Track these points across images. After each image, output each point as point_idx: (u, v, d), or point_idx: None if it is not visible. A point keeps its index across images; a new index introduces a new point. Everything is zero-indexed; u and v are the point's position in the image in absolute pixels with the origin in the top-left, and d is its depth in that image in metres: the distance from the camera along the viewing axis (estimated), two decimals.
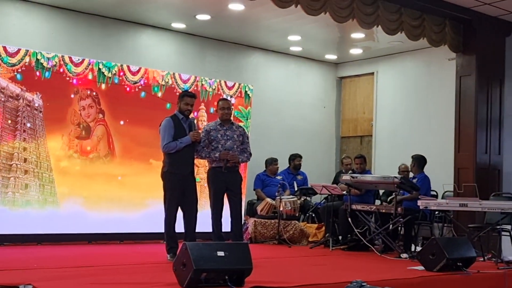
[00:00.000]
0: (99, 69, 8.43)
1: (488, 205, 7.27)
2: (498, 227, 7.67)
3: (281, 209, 8.96)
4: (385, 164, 10.81)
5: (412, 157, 8.62)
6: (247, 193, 9.84)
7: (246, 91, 9.85)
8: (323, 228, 9.21)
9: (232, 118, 7.62)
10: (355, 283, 2.81)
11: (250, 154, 7.25)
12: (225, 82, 9.67)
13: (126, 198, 8.59)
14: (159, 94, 8.94)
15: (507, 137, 9.36)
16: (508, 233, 7.71)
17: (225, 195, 7.03)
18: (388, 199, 9.21)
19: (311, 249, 8.40)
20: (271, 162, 9.93)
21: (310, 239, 9.16)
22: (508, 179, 9.28)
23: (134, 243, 8.49)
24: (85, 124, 8.37)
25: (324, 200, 9.82)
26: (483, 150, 9.11)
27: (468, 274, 6.21)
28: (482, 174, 9.02)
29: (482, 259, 7.44)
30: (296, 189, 10.07)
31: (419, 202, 7.60)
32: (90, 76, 8.36)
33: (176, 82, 9.11)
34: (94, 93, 8.43)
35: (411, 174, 8.80)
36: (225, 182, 6.95)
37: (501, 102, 9.33)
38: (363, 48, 10.90)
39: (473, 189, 7.73)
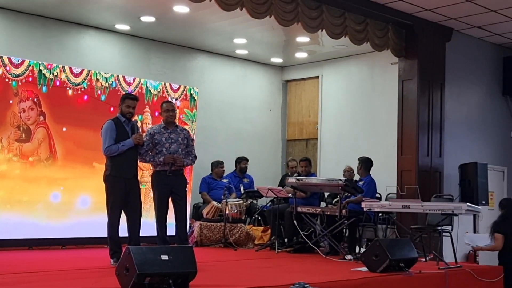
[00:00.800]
0: (40, 70, 8.22)
1: (429, 207, 7.41)
2: (439, 228, 7.84)
3: (227, 212, 8.92)
4: (330, 166, 10.92)
5: (359, 159, 8.73)
6: (193, 196, 9.78)
7: (191, 94, 9.78)
8: (269, 230, 9.24)
9: (177, 120, 7.55)
10: (297, 285, 2.81)
11: (195, 157, 7.20)
12: (170, 85, 9.57)
13: (68, 202, 8.40)
14: (103, 97, 8.78)
15: (447, 140, 9.59)
16: (448, 234, 7.89)
17: (170, 199, 6.95)
18: (333, 201, 9.30)
19: (257, 252, 8.40)
20: (217, 165, 9.88)
21: (256, 242, 9.16)
22: (449, 181, 9.51)
23: (77, 248, 8.32)
24: (25, 126, 8.13)
25: (270, 203, 9.84)
26: (425, 153, 9.30)
27: (410, 274, 6.32)
28: (424, 176, 9.21)
29: (424, 259, 7.59)
30: (242, 192, 10.05)
31: (363, 204, 7.69)
32: (30, 78, 8.14)
33: (120, 85, 8.97)
34: (35, 95, 8.21)
35: (357, 176, 8.91)
36: (169, 186, 6.88)
37: (442, 105, 9.56)
38: (308, 52, 10.99)
39: (415, 191, 7.87)
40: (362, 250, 7.88)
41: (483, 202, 9.06)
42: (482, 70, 10.45)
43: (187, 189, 7.46)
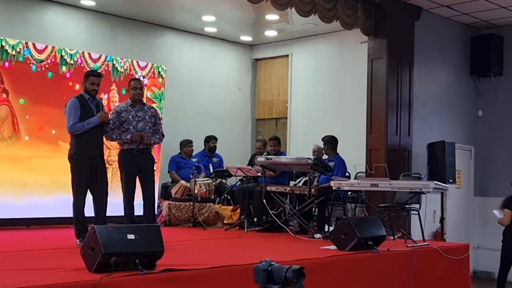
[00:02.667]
0: (2, 46, 7.98)
1: (397, 185, 7.45)
2: (407, 206, 7.89)
3: (196, 191, 8.85)
4: (300, 146, 10.89)
5: (323, 139, 8.73)
6: (161, 176, 9.69)
7: (159, 72, 9.63)
8: (238, 210, 9.20)
9: (144, 99, 7.42)
10: (264, 263, 2.75)
11: (163, 135, 7.10)
12: (137, 62, 9.41)
13: (33, 181, 8.23)
14: (67, 74, 8.58)
15: (416, 119, 9.63)
16: (416, 212, 7.95)
17: (137, 178, 6.85)
18: (303, 181, 9.29)
19: (226, 231, 8.36)
20: (186, 144, 9.79)
21: (225, 221, 9.13)
22: (417, 159, 9.57)
23: (42, 228, 8.17)
24: None
25: (239, 182, 9.80)
26: (394, 132, 9.33)
27: (378, 252, 6.35)
28: (392, 155, 9.24)
29: (392, 237, 7.64)
30: (211, 171, 9.99)
31: (332, 183, 7.70)
32: None
33: (86, 62, 8.78)
34: None
35: (325, 156, 8.91)
36: (137, 165, 6.77)
37: (411, 85, 9.57)
38: (278, 30, 10.90)
39: (384, 169, 7.89)
40: (331, 228, 7.89)
41: (451, 180, 9.13)
42: (450, 50, 10.50)
43: (155, 168, 7.36)
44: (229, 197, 9.86)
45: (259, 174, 8.64)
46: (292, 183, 9.38)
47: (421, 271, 6.76)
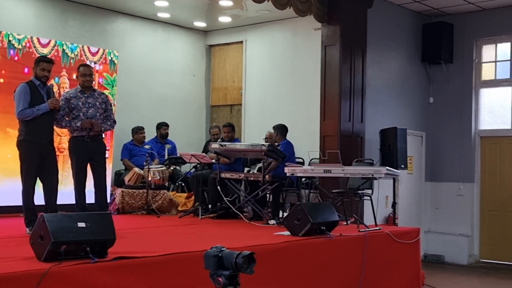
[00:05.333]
0: None
1: (350, 171, 7.52)
2: (359, 192, 7.99)
3: (149, 178, 8.77)
4: (255, 132, 10.90)
5: (274, 127, 8.77)
6: (114, 163, 9.57)
7: (111, 58, 9.47)
8: (193, 197, 9.17)
9: (96, 85, 7.30)
10: (214, 249, 2.74)
11: (115, 122, 6.99)
12: (88, 48, 9.23)
13: None
14: (16, 58, 8.36)
15: (369, 106, 9.74)
16: (369, 198, 8.05)
17: (89, 165, 6.74)
18: (250, 167, 9.33)
19: (180, 219, 8.32)
20: (137, 131, 9.68)
21: (179, 209, 9.08)
22: (370, 146, 9.68)
23: None
24: None
25: (193, 169, 9.75)
26: (347, 118, 9.40)
27: (331, 237, 6.40)
28: (346, 141, 9.32)
29: (345, 223, 7.73)
30: (165, 158, 9.91)
31: (286, 169, 7.73)
32: None
33: (35, 47, 8.56)
34: None
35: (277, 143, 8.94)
36: (88, 152, 6.65)
37: (364, 72, 9.66)
38: (232, 16, 10.84)
39: (337, 155, 7.96)
40: (286, 214, 7.93)
41: (402, 166, 9.28)
42: (402, 37, 10.63)
43: (107, 156, 7.25)
44: (183, 184, 9.81)
45: (213, 161, 8.62)
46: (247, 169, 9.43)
47: (373, 255, 6.85)
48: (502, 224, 10.13)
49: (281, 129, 8.74)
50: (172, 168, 9.69)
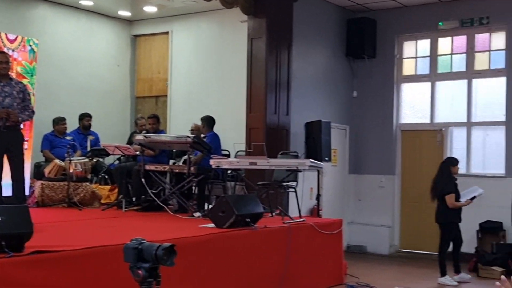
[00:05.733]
0: None
1: (275, 163, 7.57)
2: (284, 184, 8.05)
3: (70, 170, 8.52)
4: (181, 124, 10.78)
5: (201, 118, 8.73)
6: (34, 155, 9.25)
7: (30, 46, 9.13)
8: (116, 189, 8.99)
9: (13, 74, 7.02)
10: (134, 241, 2.68)
11: (33, 112, 6.75)
12: (6, 35, 8.87)
13: None
14: None
15: (294, 99, 9.81)
16: (294, 190, 8.13)
17: (5, 157, 6.47)
18: (176, 159, 9.25)
19: (103, 211, 8.14)
20: (58, 122, 9.39)
21: (102, 201, 8.88)
22: (295, 138, 9.77)
23: None
24: None
25: (117, 161, 9.56)
26: (273, 111, 9.44)
27: (255, 229, 6.43)
28: (271, 134, 9.36)
29: (270, 214, 7.78)
30: (88, 150, 9.67)
31: (212, 161, 7.69)
32: None
33: None
34: None
35: (202, 135, 8.88)
36: (4, 143, 6.41)
37: (289, 65, 9.71)
38: (158, 6, 10.68)
39: (262, 148, 7.98)
40: (211, 207, 7.90)
41: (327, 158, 9.42)
42: (327, 32, 10.78)
43: (26, 147, 7.00)
44: (106, 177, 9.60)
45: (137, 152, 8.47)
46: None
47: (297, 246, 6.94)
48: (421, 215, 10.46)
49: (208, 121, 8.68)
50: (94, 160, 9.46)
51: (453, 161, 8.40)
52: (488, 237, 9.54)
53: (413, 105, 11.13)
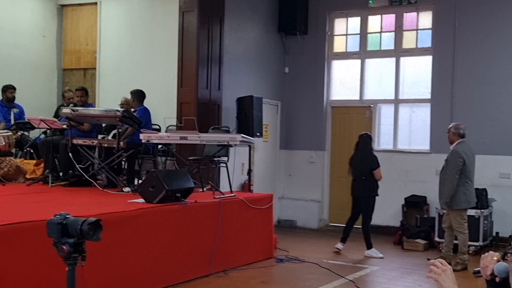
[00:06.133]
0: None
1: (206, 138, 7.54)
2: (215, 159, 8.03)
3: None
4: (110, 98, 10.53)
5: (131, 92, 8.56)
6: None
7: None
8: (42, 164, 8.74)
9: None
10: (58, 216, 2.60)
11: None
12: None
13: None
14: None
15: (226, 74, 9.77)
16: (225, 165, 8.12)
17: None
18: (112, 133, 9.05)
19: (28, 187, 7.91)
20: None
21: (27, 176, 8.63)
22: (227, 113, 9.75)
23: None
24: None
25: (43, 135, 9.26)
26: (204, 85, 9.37)
27: (186, 204, 6.40)
28: (203, 109, 9.30)
29: (201, 189, 7.76)
30: (12, 123, 9.32)
31: (141, 136, 7.58)
32: None
33: None
34: None
35: (133, 109, 8.72)
36: None
37: (221, 40, 9.64)
38: None
39: (193, 123, 7.92)
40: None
41: (258, 134, 9.46)
42: (260, 7, 10.73)
43: None
44: (32, 151, 9.30)
45: (64, 126, 8.24)
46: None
47: (228, 221, 6.96)
48: (349, 190, 10.65)
49: (138, 95, 8.52)
50: (19, 133, 9.14)
51: (371, 137, 8.78)
52: (413, 211, 9.87)
53: (343, 82, 11.28)
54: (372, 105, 10.79)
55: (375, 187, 8.47)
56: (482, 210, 8.78)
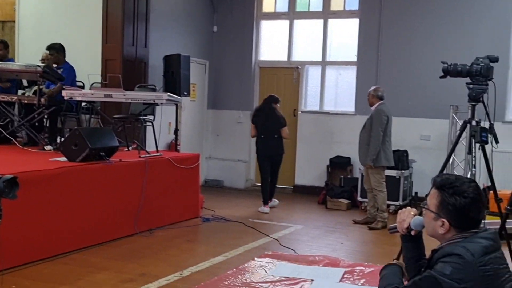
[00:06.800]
0: None
1: (131, 96, 7.39)
2: (141, 117, 7.89)
3: None
4: (31, 52, 10.07)
5: (50, 47, 8.19)
6: None
7: None
8: None
9: None
10: None
11: None
12: None
13: None
14: None
15: (153, 31, 9.54)
16: (151, 124, 8.00)
17: None
18: (33, 90, 8.71)
19: None
20: None
21: None
22: (154, 71, 9.56)
23: None
24: None
25: None
26: (130, 42, 9.14)
27: (110, 163, 6.29)
28: (128, 66, 9.08)
29: (126, 148, 7.63)
30: None
31: (64, 93, 7.35)
32: None
33: None
34: None
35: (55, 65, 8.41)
36: None
37: None
38: None
39: (119, 80, 7.72)
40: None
41: (185, 93, 9.33)
42: None
43: None
44: None
45: None
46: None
47: (153, 180, 6.90)
48: None
49: (61, 50, 8.20)
50: None
51: (277, 99, 9.05)
52: (337, 172, 10.09)
53: (271, 42, 11.26)
54: (299, 66, 10.84)
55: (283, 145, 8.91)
56: (403, 171, 9.07)
